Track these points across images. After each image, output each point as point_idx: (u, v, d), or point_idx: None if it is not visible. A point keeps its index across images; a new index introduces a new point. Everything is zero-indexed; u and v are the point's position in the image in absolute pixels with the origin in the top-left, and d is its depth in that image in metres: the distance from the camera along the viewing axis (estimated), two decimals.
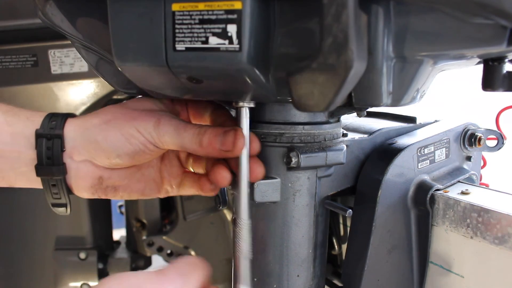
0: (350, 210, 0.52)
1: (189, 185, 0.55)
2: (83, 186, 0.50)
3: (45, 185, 0.49)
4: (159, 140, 0.47)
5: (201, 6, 0.36)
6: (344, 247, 0.64)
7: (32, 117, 0.49)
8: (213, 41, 0.36)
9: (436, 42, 0.38)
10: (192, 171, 0.55)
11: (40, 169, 0.48)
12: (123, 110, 0.49)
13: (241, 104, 0.46)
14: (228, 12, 0.35)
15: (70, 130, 0.48)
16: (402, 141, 0.56)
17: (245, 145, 0.46)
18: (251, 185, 0.48)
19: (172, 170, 0.55)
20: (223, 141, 0.46)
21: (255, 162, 0.49)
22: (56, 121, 0.48)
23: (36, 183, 0.49)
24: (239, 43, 0.36)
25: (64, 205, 0.51)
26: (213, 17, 0.36)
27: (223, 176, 0.49)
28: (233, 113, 0.52)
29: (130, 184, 0.52)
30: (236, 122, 0.48)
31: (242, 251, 0.47)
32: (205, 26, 0.36)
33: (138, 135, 0.47)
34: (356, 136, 0.57)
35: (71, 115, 0.50)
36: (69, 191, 0.50)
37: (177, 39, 0.38)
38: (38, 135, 0.47)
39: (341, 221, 0.65)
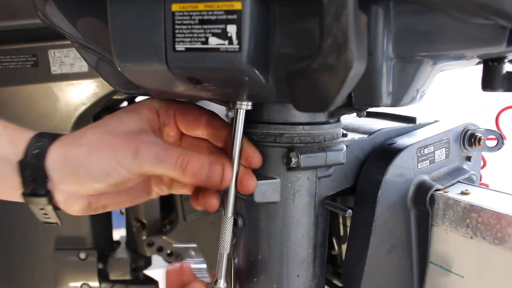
0: (350, 210, 0.52)
1: (179, 186, 0.54)
2: (72, 209, 0.49)
3: (34, 209, 0.49)
4: (140, 169, 0.46)
5: (201, 6, 0.36)
6: (344, 247, 0.64)
7: (16, 140, 0.47)
8: (213, 41, 0.36)
9: (436, 42, 0.38)
10: None
11: (27, 198, 0.47)
12: (104, 135, 0.47)
13: (238, 105, 0.46)
14: (228, 12, 0.35)
15: (53, 161, 0.46)
16: (402, 141, 0.56)
17: (237, 143, 0.47)
18: None
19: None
20: (210, 175, 0.45)
21: (248, 175, 0.48)
22: (40, 149, 0.46)
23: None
24: (239, 43, 0.36)
25: (55, 223, 0.51)
26: (213, 17, 0.36)
27: (212, 204, 0.49)
28: (231, 113, 0.52)
29: (119, 199, 0.52)
30: (231, 130, 0.47)
31: (222, 246, 0.49)
32: (205, 26, 0.36)
33: (119, 167, 0.45)
34: (356, 136, 0.57)
35: (58, 136, 0.48)
36: (58, 209, 0.49)
37: (177, 39, 0.38)
38: (22, 167, 0.46)
39: (341, 221, 0.65)
